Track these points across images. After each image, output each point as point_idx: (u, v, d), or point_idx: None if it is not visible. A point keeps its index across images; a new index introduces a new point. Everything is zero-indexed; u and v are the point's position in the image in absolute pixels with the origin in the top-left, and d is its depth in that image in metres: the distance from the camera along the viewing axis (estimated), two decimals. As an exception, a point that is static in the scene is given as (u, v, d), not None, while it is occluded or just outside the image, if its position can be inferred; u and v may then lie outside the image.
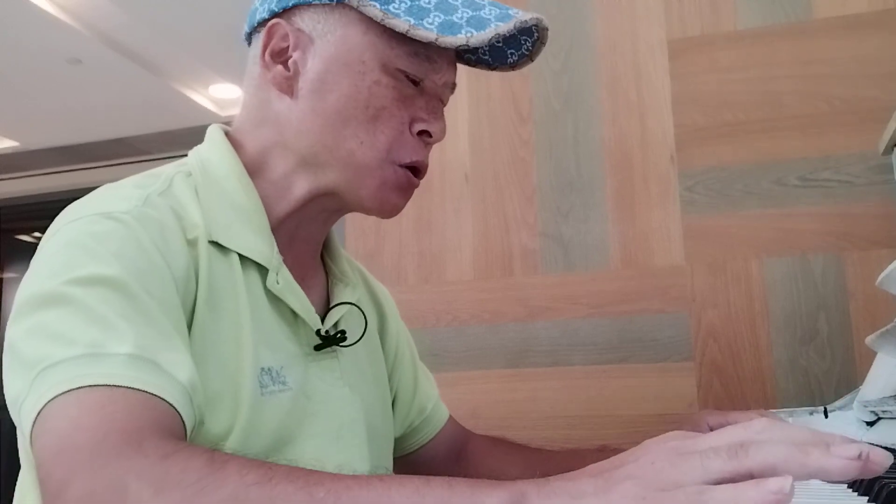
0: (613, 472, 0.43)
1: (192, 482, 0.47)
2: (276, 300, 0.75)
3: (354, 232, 1.54)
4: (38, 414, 0.54)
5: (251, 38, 0.82)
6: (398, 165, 0.77)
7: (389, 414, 0.93)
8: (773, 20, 1.37)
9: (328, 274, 0.87)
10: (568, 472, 0.46)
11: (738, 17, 1.39)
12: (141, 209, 0.67)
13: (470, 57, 0.85)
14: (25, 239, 5.51)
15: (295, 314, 0.77)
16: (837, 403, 1.08)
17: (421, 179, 0.80)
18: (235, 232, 0.73)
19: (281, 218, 0.78)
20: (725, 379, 1.32)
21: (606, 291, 1.39)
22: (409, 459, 1.01)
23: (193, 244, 0.69)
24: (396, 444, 0.99)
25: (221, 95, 4.19)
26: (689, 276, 1.36)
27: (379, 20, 0.73)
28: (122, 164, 4.86)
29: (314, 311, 0.78)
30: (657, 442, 0.45)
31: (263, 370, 0.71)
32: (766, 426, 0.43)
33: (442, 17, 0.73)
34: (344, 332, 0.81)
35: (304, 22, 0.77)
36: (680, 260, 1.37)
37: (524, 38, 0.81)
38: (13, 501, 0.70)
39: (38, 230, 5.44)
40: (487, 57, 0.84)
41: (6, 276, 5.39)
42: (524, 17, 0.75)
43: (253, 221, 0.75)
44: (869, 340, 0.92)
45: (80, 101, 4.12)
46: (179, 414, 0.57)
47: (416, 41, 0.74)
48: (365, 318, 0.87)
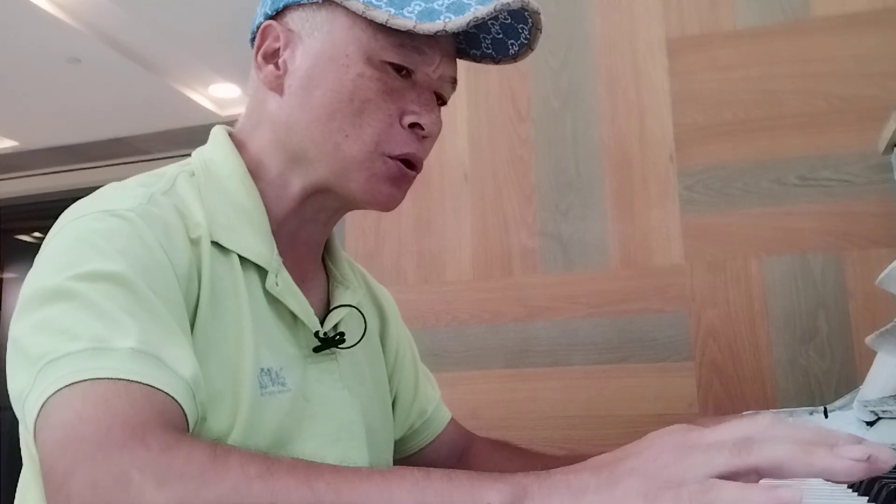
0: (616, 466, 0.43)
1: (194, 474, 0.48)
2: (275, 302, 0.76)
3: (354, 232, 1.54)
4: (41, 407, 0.55)
5: (253, 42, 0.83)
6: (389, 157, 0.76)
7: (389, 416, 0.93)
8: (772, 19, 1.37)
9: (329, 276, 0.87)
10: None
11: (737, 15, 1.39)
12: (145, 207, 0.67)
13: (475, 52, 0.84)
14: (25, 239, 5.51)
15: (294, 316, 0.77)
16: (837, 403, 1.08)
17: (417, 172, 0.80)
18: (236, 233, 0.74)
19: (281, 219, 0.79)
20: (725, 379, 1.32)
21: (606, 291, 1.39)
22: (409, 461, 1.01)
23: (196, 243, 0.70)
24: (397, 445, 0.99)
25: (221, 95, 4.18)
26: (688, 275, 1.36)
27: (360, 12, 0.73)
28: (122, 164, 4.86)
29: (313, 313, 0.78)
30: (661, 435, 0.45)
31: (263, 370, 0.71)
32: (770, 422, 0.43)
33: (422, 5, 0.73)
34: (343, 334, 0.81)
35: (293, 22, 0.78)
36: (679, 259, 1.36)
37: (521, 26, 0.80)
38: (15, 498, 0.70)
39: (38, 230, 5.44)
40: (491, 51, 0.84)
41: (6, 276, 5.39)
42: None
43: (254, 223, 0.75)
44: (869, 340, 0.92)
45: (79, 100, 4.11)
46: (182, 408, 0.57)
47: (402, 32, 0.74)
48: (364, 320, 0.87)
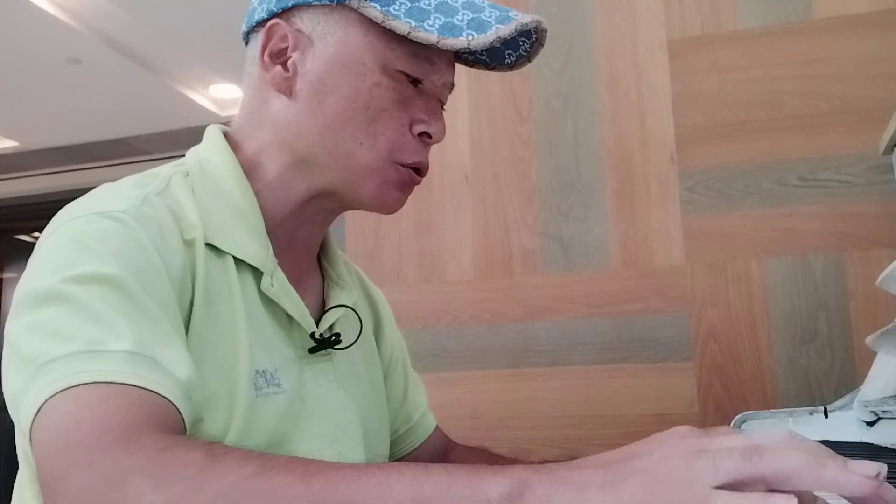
0: (625, 464, 0.42)
1: (191, 475, 0.47)
2: (270, 303, 0.75)
3: (354, 232, 1.54)
4: (37, 410, 0.55)
5: (249, 37, 0.82)
6: (401, 165, 0.77)
7: (385, 416, 0.93)
8: (773, 20, 1.37)
9: (324, 276, 0.87)
10: None
11: (738, 16, 1.39)
12: (139, 208, 0.67)
13: (468, 57, 0.85)
14: (25, 239, 5.51)
15: (289, 317, 0.77)
16: (837, 403, 1.08)
17: (422, 176, 0.81)
18: (231, 234, 0.73)
19: (279, 220, 0.78)
20: (725, 379, 1.32)
21: (606, 291, 1.39)
22: None
23: (191, 245, 0.69)
24: None
25: (221, 95, 4.18)
26: (689, 276, 1.36)
27: (380, 22, 0.73)
28: (122, 164, 4.85)
29: (309, 314, 0.78)
30: (672, 436, 0.44)
31: (258, 372, 0.71)
32: (784, 438, 0.42)
33: (442, 19, 0.73)
34: (339, 335, 0.81)
35: (303, 23, 0.77)
36: (680, 260, 1.37)
37: (522, 39, 0.81)
38: (12, 499, 0.70)
39: (38, 230, 5.43)
40: (485, 57, 0.84)
41: (6, 276, 5.39)
42: (524, 19, 0.75)
43: (249, 223, 0.75)
44: (869, 340, 0.92)
45: (80, 101, 4.11)
46: (178, 410, 0.57)
47: (415, 42, 0.74)
48: (360, 321, 0.87)
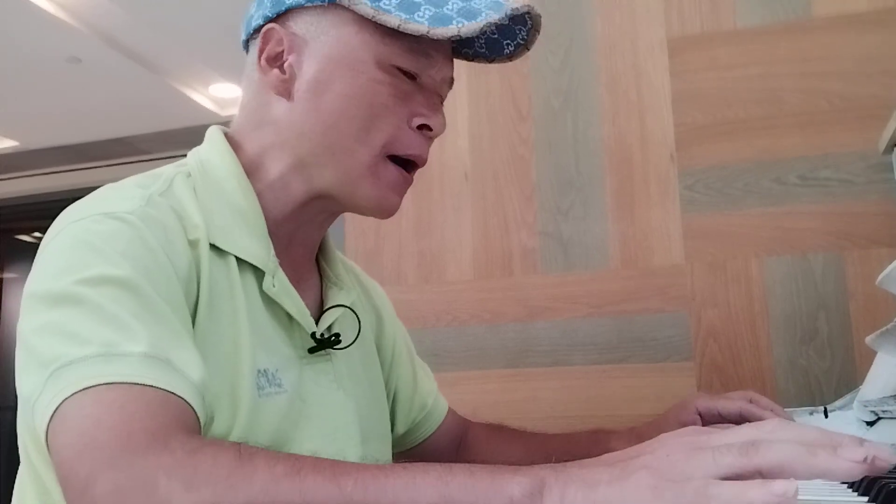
0: (630, 462, 0.46)
1: (222, 477, 0.48)
2: (271, 303, 0.76)
3: (354, 232, 1.54)
4: (54, 412, 0.55)
5: (248, 45, 0.83)
6: (391, 160, 0.77)
7: (385, 416, 0.93)
8: (772, 18, 1.37)
9: (322, 276, 0.87)
10: (565, 454, 0.48)
11: (737, 14, 1.39)
12: (144, 209, 0.67)
13: (468, 51, 0.85)
14: (25, 239, 5.51)
15: (290, 317, 0.77)
16: (837, 403, 1.08)
17: (416, 171, 0.81)
18: (233, 234, 0.74)
19: (279, 221, 0.78)
20: (725, 379, 1.32)
21: (606, 291, 1.39)
22: (412, 453, 1.02)
23: (195, 245, 0.70)
24: (401, 440, 1.01)
25: (221, 95, 4.19)
26: (688, 275, 1.36)
27: (370, 17, 0.73)
28: (122, 164, 4.86)
29: (309, 314, 0.78)
30: (674, 436, 0.48)
31: (260, 372, 0.71)
32: (776, 426, 0.46)
33: (433, 9, 0.74)
34: (338, 335, 0.81)
35: (297, 25, 0.77)
36: (680, 259, 1.36)
37: (518, 27, 0.81)
38: (12, 498, 0.70)
39: (38, 230, 5.44)
40: (484, 50, 0.84)
41: (6, 276, 5.39)
42: (515, 4, 0.75)
43: (250, 224, 0.75)
44: (869, 340, 0.92)
45: (80, 100, 4.12)
46: (194, 411, 0.58)
47: (410, 36, 0.74)
48: (359, 321, 0.87)
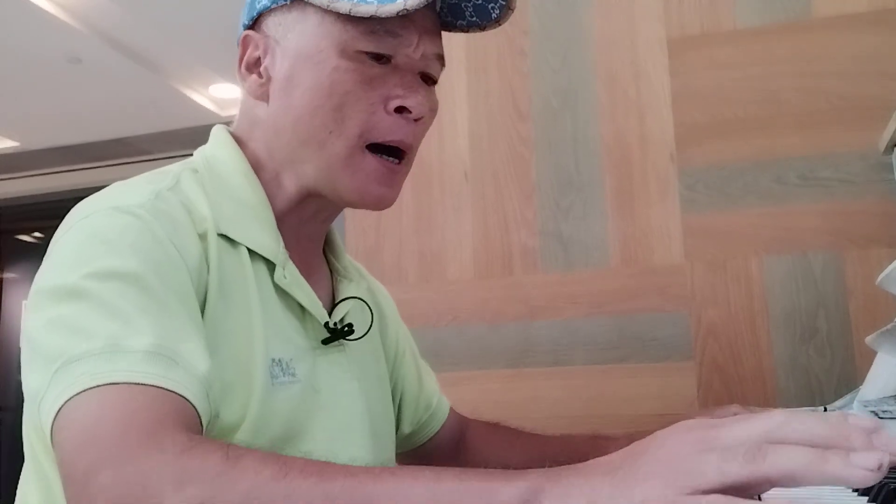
0: (631, 469, 0.42)
1: (210, 477, 0.48)
2: (283, 294, 0.76)
3: (354, 230, 1.54)
4: (58, 410, 0.55)
5: None
6: (371, 149, 0.76)
7: (391, 411, 0.93)
8: (772, 18, 1.37)
9: (332, 271, 0.88)
10: (563, 457, 0.45)
11: (737, 14, 1.39)
12: (153, 203, 0.68)
13: (462, 23, 0.83)
14: (25, 239, 5.51)
15: (302, 308, 0.78)
16: (837, 403, 1.08)
17: (406, 160, 0.79)
18: (243, 226, 0.74)
19: (283, 216, 0.79)
20: (725, 378, 1.32)
21: (606, 290, 1.39)
22: (416, 453, 1.03)
23: (204, 237, 0.70)
24: (406, 440, 1.01)
25: (221, 95, 4.18)
26: (688, 274, 1.36)
27: (325, 6, 0.73)
28: (122, 164, 4.86)
29: (321, 304, 0.79)
30: (673, 434, 0.44)
31: (274, 361, 0.72)
32: (783, 420, 0.42)
33: None
34: (351, 325, 0.82)
35: (269, 28, 0.78)
36: (680, 258, 1.36)
37: None
38: (16, 495, 0.70)
39: (38, 230, 5.44)
40: (475, 18, 0.82)
41: (6, 276, 5.39)
42: None
43: (259, 217, 0.76)
44: (869, 340, 0.92)
45: (80, 100, 4.11)
46: (196, 409, 0.58)
47: (372, 19, 0.73)
48: (371, 311, 0.88)
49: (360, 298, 0.86)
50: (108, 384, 0.55)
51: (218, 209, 0.73)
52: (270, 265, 0.75)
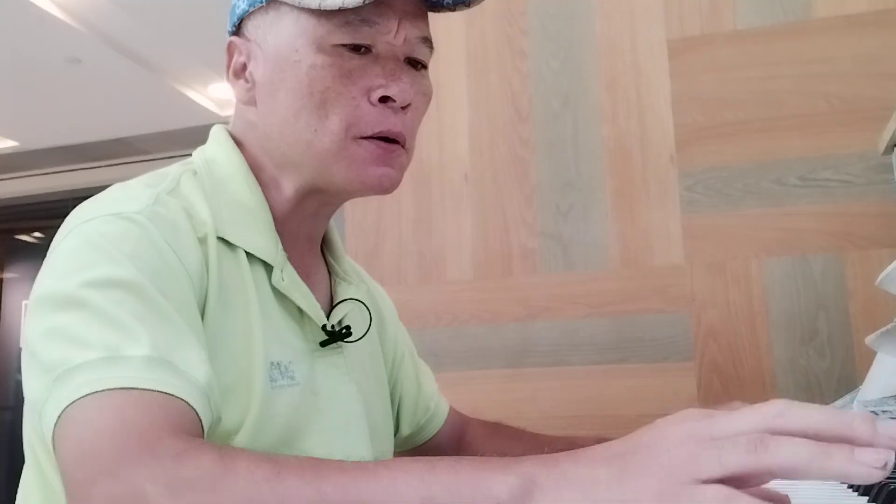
0: (629, 459, 0.41)
1: (205, 482, 0.48)
2: (282, 297, 0.76)
3: (354, 231, 1.54)
4: (58, 418, 0.55)
5: None
6: (363, 139, 0.74)
7: (389, 414, 0.94)
8: (772, 20, 1.37)
9: (331, 273, 0.88)
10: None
11: (737, 16, 1.39)
12: (152, 208, 0.68)
13: (449, 2, 0.80)
14: (25, 239, 5.51)
15: (301, 311, 0.78)
16: (837, 403, 1.08)
17: (403, 146, 0.77)
18: (241, 229, 0.74)
19: (282, 217, 0.79)
20: (725, 379, 1.32)
21: (606, 291, 1.39)
22: (414, 453, 1.03)
23: (203, 241, 0.70)
24: (405, 441, 1.01)
25: (221, 95, 4.18)
26: (688, 275, 1.36)
27: (296, 4, 0.73)
28: (122, 164, 4.86)
29: (319, 307, 0.79)
30: (672, 424, 0.43)
31: (273, 364, 0.72)
32: (782, 409, 0.41)
33: None
34: (349, 327, 0.82)
35: (250, 32, 0.78)
36: (679, 260, 1.36)
37: None
38: (17, 497, 0.70)
39: (38, 230, 5.44)
40: None
41: (6, 276, 5.39)
42: None
43: (258, 220, 0.76)
44: (869, 340, 0.92)
45: (80, 100, 4.11)
46: (196, 412, 0.58)
47: (345, 11, 0.72)
48: (370, 313, 0.88)
49: (358, 300, 0.86)
50: (105, 390, 0.55)
51: (217, 212, 0.73)
52: (268, 268, 0.75)
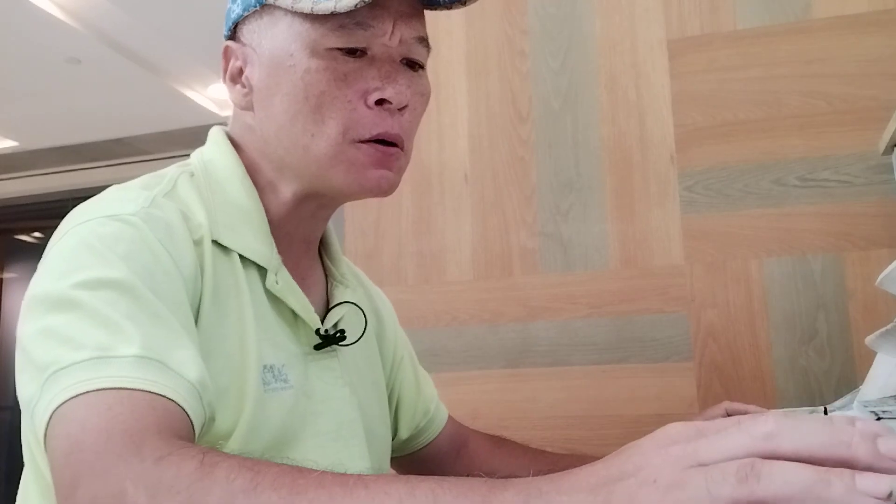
0: (612, 487, 0.40)
1: (183, 488, 0.48)
2: (276, 300, 0.76)
3: (353, 232, 1.54)
4: (49, 417, 0.55)
5: None
6: (361, 143, 0.74)
7: (386, 417, 0.93)
8: (772, 20, 1.37)
9: (327, 276, 0.88)
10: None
11: (737, 16, 1.39)
12: (148, 210, 0.68)
13: (446, 0, 0.79)
14: (25, 239, 5.51)
15: (295, 314, 0.77)
16: (837, 403, 1.08)
17: (401, 148, 0.76)
18: (237, 232, 0.74)
19: (278, 221, 0.79)
20: (725, 379, 1.32)
21: (606, 291, 1.39)
22: (413, 458, 1.02)
23: (199, 244, 0.70)
24: (403, 445, 1.01)
25: (221, 95, 4.18)
26: (688, 275, 1.36)
27: (290, 8, 0.72)
28: (122, 164, 4.86)
29: (313, 310, 0.79)
30: (658, 446, 0.40)
31: (266, 367, 0.72)
32: (773, 429, 0.37)
33: None
34: (343, 331, 0.82)
35: (245, 37, 0.78)
36: (679, 260, 1.36)
37: None
38: (17, 498, 0.71)
39: (38, 230, 5.44)
40: None
41: (6, 276, 5.39)
42: None
43: (253, 223, 0.76)
44: (869, 340, 0.92)
45: (79, 101, 4.12)
46: (187, 413, 0.57)
47: (339, 14, 0.71)
48: (365, 318, 0.88)
49: (353, 303, 0.86)
50: (94, 390, 0.55)
51: (213, 215, 0.73)
52: (263, 271, 0.75)
